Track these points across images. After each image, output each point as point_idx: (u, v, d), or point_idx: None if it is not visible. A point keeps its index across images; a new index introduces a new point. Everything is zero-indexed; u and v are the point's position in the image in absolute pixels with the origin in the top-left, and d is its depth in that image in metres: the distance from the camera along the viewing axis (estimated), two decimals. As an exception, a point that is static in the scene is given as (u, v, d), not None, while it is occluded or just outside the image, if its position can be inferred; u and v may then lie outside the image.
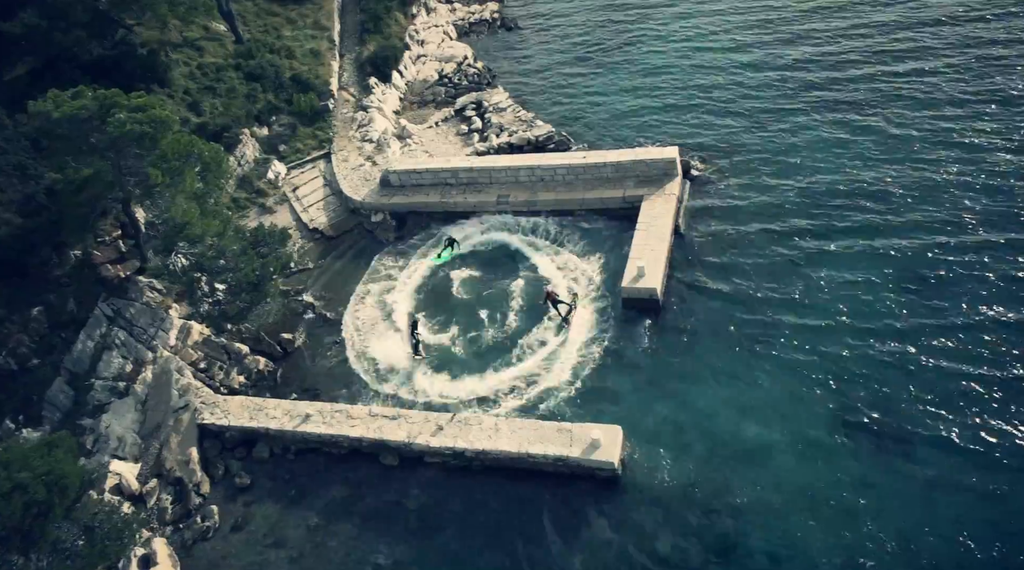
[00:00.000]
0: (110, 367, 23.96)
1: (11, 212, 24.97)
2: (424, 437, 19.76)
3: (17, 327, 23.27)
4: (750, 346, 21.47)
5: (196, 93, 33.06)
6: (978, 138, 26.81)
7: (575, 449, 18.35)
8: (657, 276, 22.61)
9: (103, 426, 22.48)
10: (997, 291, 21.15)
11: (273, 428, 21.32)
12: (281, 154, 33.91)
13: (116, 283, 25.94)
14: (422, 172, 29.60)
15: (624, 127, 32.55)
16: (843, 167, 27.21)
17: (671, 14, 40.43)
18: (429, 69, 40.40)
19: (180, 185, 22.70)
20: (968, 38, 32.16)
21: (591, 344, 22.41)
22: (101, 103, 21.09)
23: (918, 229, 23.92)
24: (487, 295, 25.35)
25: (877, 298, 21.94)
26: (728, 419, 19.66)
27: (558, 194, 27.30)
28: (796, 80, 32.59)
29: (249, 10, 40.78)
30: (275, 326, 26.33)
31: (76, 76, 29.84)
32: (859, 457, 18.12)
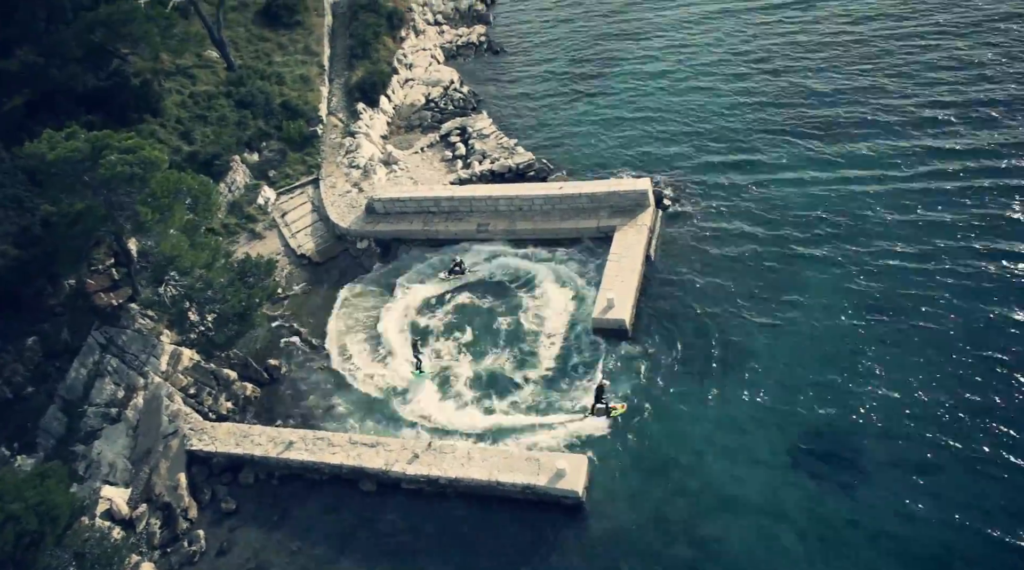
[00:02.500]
0: (102, 394, 24.92)
1: (7, 244, 25.90)
2: (401, 465, 20.74)
3: (12, 356, 24.25)
4: (717, 375, 22.45)
5: (188, 122, 34.10)
6: (957, 165, 27.77)
7: (542, 477, 19.33)
8: (626, 307, 23.62)
9: (95, 452, 23.44)
10: (960, 320, 21.99)
11: (258, 455, 22.28)
12: (271, 180, 34.94)
13: (109, 311, 26.92)
14: (405, 200, 30.62)
15: (603, 153, 33.55)
16: (815, 195, 28.21)
17: (654, 42, 41.36)
18: (416, 93, 41.47)
19: (170, 220, 23.69)
20: (949, 68, 32.92)
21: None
22: (93, 145, 22.08)
23: (887, 257, 24.86)
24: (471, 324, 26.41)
25: (844, 326, 22.89)
26: (693, 448, 20.62)
27: (536, 223, 28.33)
28: (773, 110, 33.37)
29: (241, 36, 41.87)
30: (262, 352, 27.34)
31: (71, 107, 31.08)
32: (822, 485, 18.97)
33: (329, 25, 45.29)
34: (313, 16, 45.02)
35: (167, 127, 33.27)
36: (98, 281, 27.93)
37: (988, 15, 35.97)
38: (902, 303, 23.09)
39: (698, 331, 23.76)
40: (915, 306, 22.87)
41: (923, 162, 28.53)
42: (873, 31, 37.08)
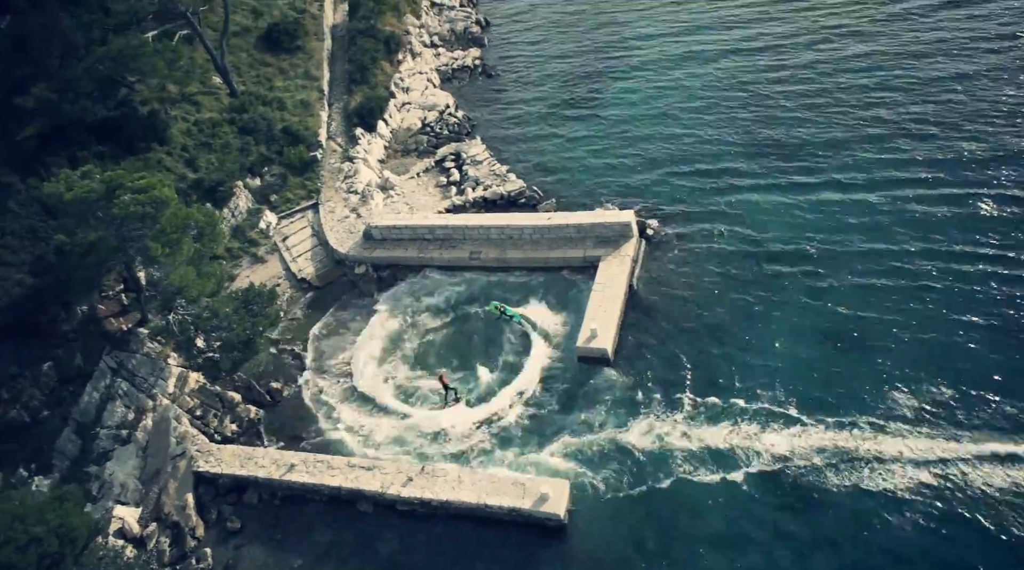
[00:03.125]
0: (114, 416, 26.33)
1: (23, 272, 27.37)
2: (396, 487, 22.17)
3: (29, 382, 25.66)
4: (691, 401, 23.91)
5: (193, 149, 35.50)
6: (931, 207, 29.06)
7: (527, 501, 20.77)
8: (609, 336, 25.08)
9: (107, 473, 24.84)
10: (925, 356, 23.35)
11: (262, 476, 23.69)
12: (272, 204, 36.34)
13: (119, 336, 28.34)
14: (401, 228, 32.05)
15: (591, 181, 34.93)
16: (793, 228, 29.47)
17: (643, 68, 42.75)
18: (413, 117, 42.89)
19: (178, 253, 25.09)
20: (929, 107, 33.98)
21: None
22: (107, 184, 23.48)
23: (856, 291, 26.25)
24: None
25: (812, 360, 24.26)
26: (669, 471, 22.05)
27: (525, 252, 29.79)
28: (757, 142, 34.61)
29: (243, 61, 43.25)
30: (265, 374, 28.75)
31: (82, 137, 32.55)
32: (784, 512, 20.51)
33: (328, 49, 46.75)
34: (313, 40, 46.46)
35: (173, 155, 34.69)
36: (108, 306, 29.34)
37: (958, 42, 37.52)
38: (871, 332, 24.56)
39: (675, 359, 25.19)
40: (883, 335, 24.33)
41: (897, 190, 29.89)
42: (847, 64, 38.41)
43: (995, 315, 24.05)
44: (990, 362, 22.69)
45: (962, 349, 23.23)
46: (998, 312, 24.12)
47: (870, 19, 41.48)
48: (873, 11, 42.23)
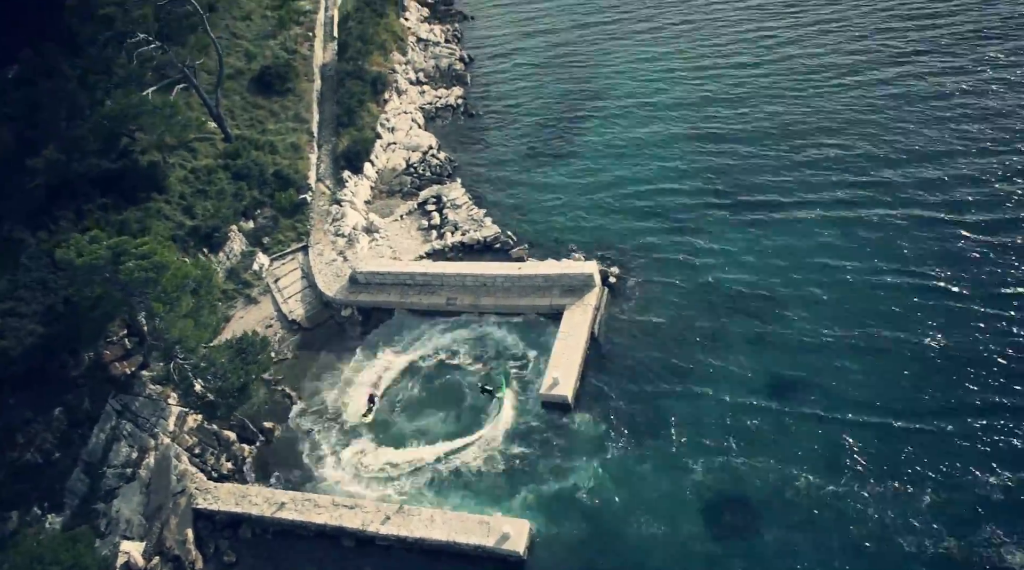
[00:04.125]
0: (119, 455, 28.80)
1: (35, 323, 29.71)
2: (375, 525, 24.76)
3: (42, 426, 28.07)
4: (644, 445, 26.55)
5: (190, 197, 37.86)
6: (877, 235, 31.90)
7: (490, 539, 23.39)
8: (569, 384, 27.73)
9: (114, 510, 27.31)
10: (863, 398, 26.11)
11: (255, 513, 26.26)
12: (265, 246, 38.79)
13: (123, 379, 30.78)
14: (384, 274, 34.59)
15: (562, 225, 37.50)
16: (748, 273, 32.05)
17: (616, 113, 45.22)
18: (398, 157, 45.39)
19: (178, 308, 27.53)
20: (875, 156, 36.76)
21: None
22: (114, 250, 25.90)
23: (799, 339, 28.89)
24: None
25: (752, 404, 26.99)
26: (621, 510, 24.66)
27: (497, 299, 32.38)
28: (718, 188, 37.12)
29: (237, 104, 45.63)
30: (258, 413, 31.24)
31: (87, 190, 34.88)
32: (725, 542, 23.21)
33: (318, 90, 49.17)
34: (303, 82, 48.90)
35: (172, 203, 37.05)
36: (113, 351, 31.71)
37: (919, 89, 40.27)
38: (813, 380, 27.19)
39: (631, 404, 27.86)
40: (823, 383, 26.96)
41: (850, 236, 32.55)
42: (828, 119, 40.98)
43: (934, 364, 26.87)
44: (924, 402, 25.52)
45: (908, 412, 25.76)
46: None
47: (836, 73, 43.92)
48: (837, 69, 44.74)
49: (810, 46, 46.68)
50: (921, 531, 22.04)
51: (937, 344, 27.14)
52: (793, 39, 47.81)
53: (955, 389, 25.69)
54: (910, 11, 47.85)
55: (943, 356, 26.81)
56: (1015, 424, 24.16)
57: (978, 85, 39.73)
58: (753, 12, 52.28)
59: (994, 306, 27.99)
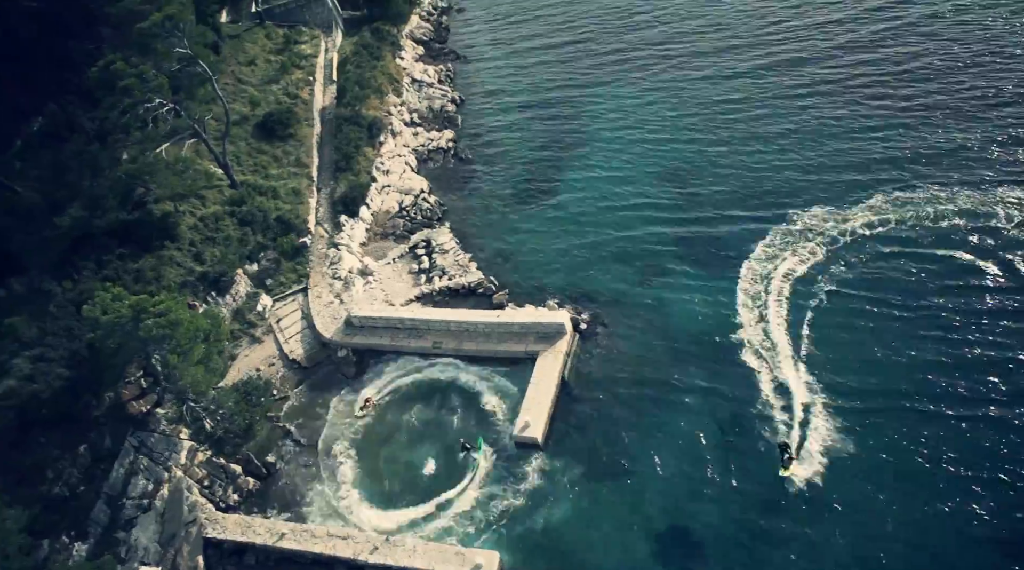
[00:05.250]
0: (136, 488, 32.10)
1: (62, 367, 33.09)
2: (364, 554, 28.02)
3: (68, 462, 31.40)
4: (606, 483, 29.80)
5: (200, 244, 41.25)
6: (839, 288, 34.93)
7: (465, 568, 26.64)
8: (539, 426, 31.00)
9: (132, 538, 30.62)
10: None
11: (259, 543, 29.54)
12: (268, 288, 42.15)
13: (140, 417, 34.11)
14: (377, 318, 37.89)
15: (540, 271, 40.76)
16: (708, 323, 35.35)
17: (597, 162, 48.30)
18: (391, 200, 48.73)
19: (190, 357, 30.85)
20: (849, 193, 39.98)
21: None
22: (134, 308, 29.25)
23: (744, 382, 32.15)
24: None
25: (704, 449, 30.22)
26: (584, 539, 27.90)
27: (478, 344, 35.67)
28: (686, 242, 39.96)
29: (242, 150, 49.08)
30: (262, 447, 34.50)
31: (106, 241, 38.26)
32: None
33: (318, 134, 52.58)
34: (304, 127, 52.30)
35: (183, 250, 40.42)
36: (130, 391, 35.06)
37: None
38: (756, 431, 30.40)
39: (596, 445, 31.14)
40: (765, 433, 30.18)
41: (810, 291, 35.67)
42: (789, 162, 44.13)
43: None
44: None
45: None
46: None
47: (819, 121, 46.87)
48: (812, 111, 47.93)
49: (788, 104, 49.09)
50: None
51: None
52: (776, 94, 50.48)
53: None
54: (914, 70, 48.61)
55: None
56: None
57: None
58: (743, 54, 55.06)
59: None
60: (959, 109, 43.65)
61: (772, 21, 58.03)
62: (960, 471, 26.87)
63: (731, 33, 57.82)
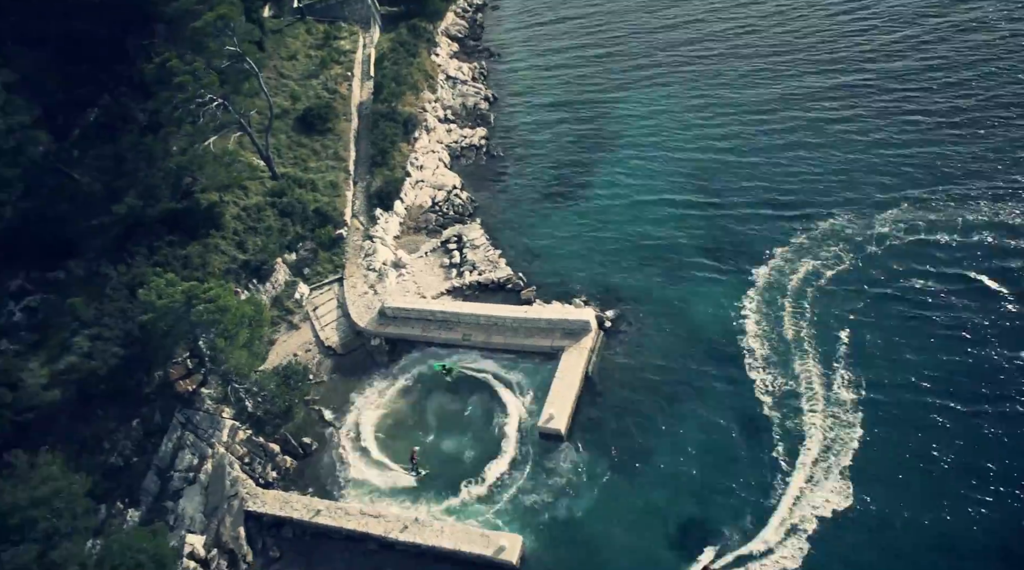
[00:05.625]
0: (183, 462, 34.26)
1: (116, 346, 35.31)
2: (394, 533, 29.79)
3: (123, 435, 33.66)
4: (625, 472, 31.15)
5: (243, 233, 43.23)
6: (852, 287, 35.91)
7: (489, 549, 28.24)
8: (563, 419, 32.39)
9: (180, 508, 32.79)
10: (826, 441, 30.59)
11: (296, 517, 31.47)
12: (305, 277, 44.06)
13: (186, 396, 36.27)
14: (410, 310, 39.54)
15: (567, 268, 42.07)
16: (731, 325, 36.35)
17: (625, 161, 49.48)
18: (425, 195, 50.30)
19: (235, 341, 32.81)
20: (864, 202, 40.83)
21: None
22: (187, 294, 31.23)
23: (773, 382, 33.15)
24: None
25: (720, 444, 31.38)
26: (604, 526, 29.29)
27: (506, 338, 37.11)
28: (711, 241, 41.14)
29: (283, 143, 50.98)
30: (299, 429, 36.43)
31: (157, 228, 40.39)
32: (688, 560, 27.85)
33: (355, 129, 54.28)
34: (342, 122, 54.04)
35: (227, 239, 42.46)
36: (177, 370, 37.26)
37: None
38: (772, 427, 31.47)
39: (617, 437, 32.48)
40: (780, 429, 31.26)
41: (824, 290, 36.57)
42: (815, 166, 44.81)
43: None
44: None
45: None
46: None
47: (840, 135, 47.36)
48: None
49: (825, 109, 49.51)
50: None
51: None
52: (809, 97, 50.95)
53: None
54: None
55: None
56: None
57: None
58: (772, 58, 55.58)
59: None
60: (990, 120, 43.81)
61: (803, 28, 58.28)
62: (968, 469, 27.77)
63: (762, 39, 58.27)
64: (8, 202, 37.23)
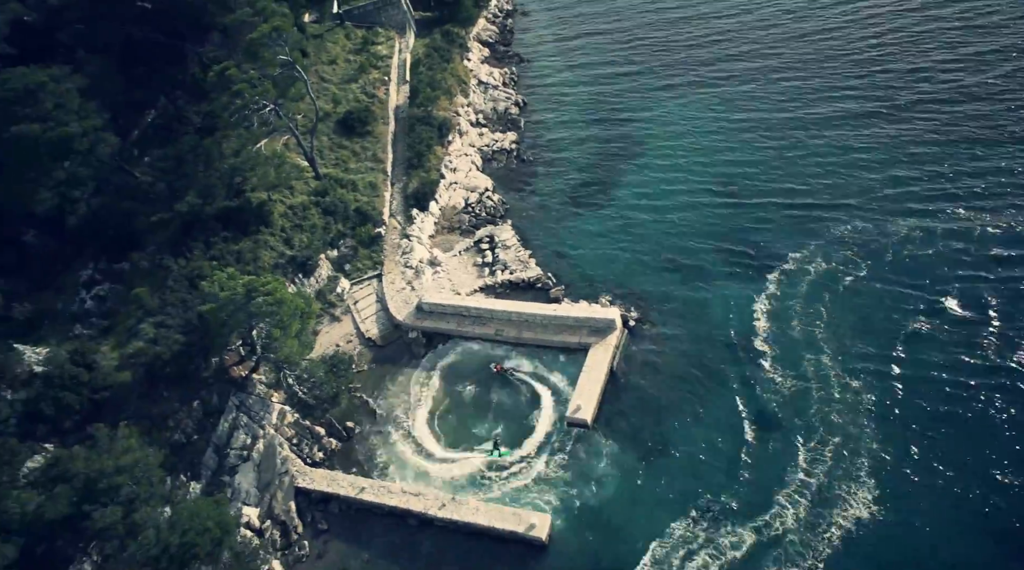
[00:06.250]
0: (238, 441, 37.26)
1: (178, 333, 38.39)
2: (433, 510, 32.49)
3: (185, 414, 36.73)
4: (647, 459, 33.53)
5: (289, 230, 46.19)
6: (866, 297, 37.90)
7: (520, 526, 30.81)
8: (589, 410, 34.84)
9: (236, 482, 35.79)
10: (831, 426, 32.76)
11: (342, 494, 34.32)
12: (346, 272, 46.93)
13: (240, 381, 39.27)
14: (445, 306, 42.20)
15: (594, 270, 44.45)
16: (740, 323, 38.61)
17: (651, 167, 51.72)
18: (458, 196, 52.90)
19: (288, 332, 35.67)
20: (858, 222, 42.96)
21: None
22: (247, 288, 34.13)
23: (786, 379, 35.34)
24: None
25: (739, 433, 33.65)
26: (627, 509, 31.71)
27: (536, 334, 39.63)
28: (732, 247, 43.26)
29: (324, 144, 53.89)
30: (343, 413, 39.29)
31: (212, 224, 43.44)
32: (704, 540, 30.18)
33: (392, 132, 57.04)
34: (380, 125, 56.82)
35: (275, 236, 45.43)
36: (231, 357, 40.27)
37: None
38: (786, 421, 33.65)
39: (639, 427, 34.90)
40: (794, 423, 33.42)
41: (838, 294, 38.56)
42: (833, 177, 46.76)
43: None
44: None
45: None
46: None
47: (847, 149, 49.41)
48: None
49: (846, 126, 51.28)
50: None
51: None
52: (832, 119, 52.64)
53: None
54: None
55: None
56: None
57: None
58: (794, 76, 57.18)
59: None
60: (1005, 137, 45.31)
61: (825, 49, 59.24)
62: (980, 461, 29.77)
63: (783, 59, 59.52)
64: (81, 199, 40.55)
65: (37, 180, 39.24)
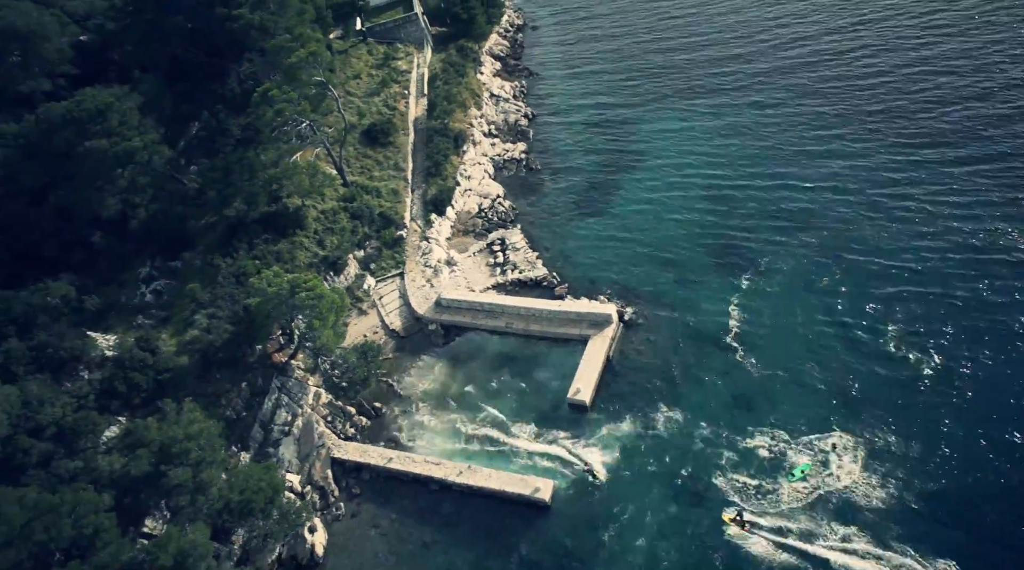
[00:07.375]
0: (280, 418, 42.55)
1: (228, 323, 43.69)
2: (452, 476, 37.66)
3: (235, 394, 42.05)
4: (639, 437, 38.51)
5: (321, 233, 51.42)
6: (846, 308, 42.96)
7: (527, 490, 35.94)
8: (588, 393, 39.90)
9: (280, 453, 41.07)
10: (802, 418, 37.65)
11: (372, 463, 39.56)
12: (372, 271, 52.14)
13: (280, 366, 44.56)
14: (461, 301, 47.32)
15: (595, 270, 49.42)
16: (721, 319, 43.48)
17: (650, 177, 56.61)
18: (472, 202, 57.99)
19: (326, 323, 40.88)
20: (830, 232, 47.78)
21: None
22: (291, 284, 39.36)
23: (762, 368, 40.19)
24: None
25: (721, 417, 38.54)
26: (622, 482, 36.67)
27: (542, 326, 44.71)
28: (722, 252, 48.09)
29: (351, 154, 59.13)
30: (370, 395, 44.51)
31: (254, 228, 48.75)
32: (690, 515, 35.11)
33: (412, 143, 62.18)
34: (400, 136, 61.99)
35: (309, 238, 50.68)
36: (272, 345, 45.57)
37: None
38: (756, 403, 38.54)
39: (632, 409, 39.89)
40: (763, 405, 38.31)
41: (814, 293, 43.42)
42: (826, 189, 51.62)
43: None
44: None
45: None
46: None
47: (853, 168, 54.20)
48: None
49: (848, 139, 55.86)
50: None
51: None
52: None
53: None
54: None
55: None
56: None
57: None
58: (789, 100, 61.64)
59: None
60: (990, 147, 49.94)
61: (825, 73, 63.40)
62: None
63: (785, 77, 63.82)
64: (141, 205, 45.90)
65: (103, 188, 44.74)
